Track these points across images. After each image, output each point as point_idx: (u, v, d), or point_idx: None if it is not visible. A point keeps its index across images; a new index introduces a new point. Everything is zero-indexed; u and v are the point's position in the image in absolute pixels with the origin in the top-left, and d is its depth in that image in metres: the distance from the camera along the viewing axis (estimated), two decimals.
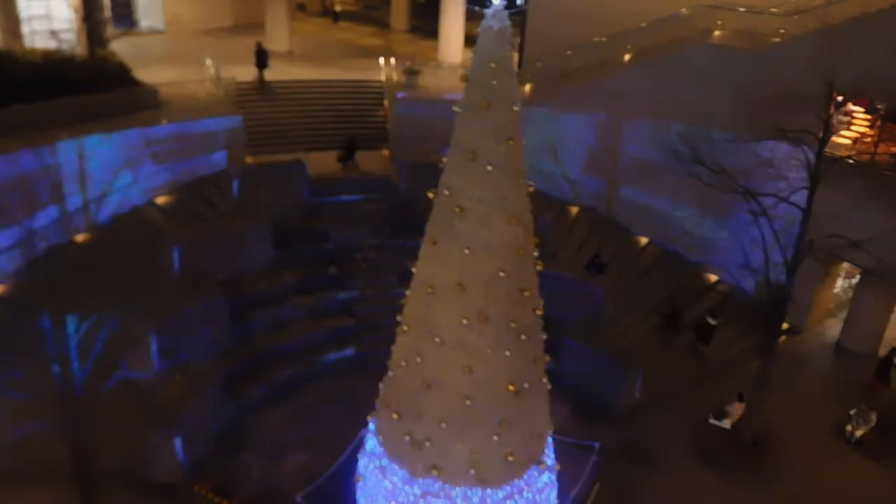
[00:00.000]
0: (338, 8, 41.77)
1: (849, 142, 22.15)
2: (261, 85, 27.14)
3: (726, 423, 17.86)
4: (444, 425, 9.03)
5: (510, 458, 9.15)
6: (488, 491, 9.19)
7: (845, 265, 21.98)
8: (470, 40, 29.29)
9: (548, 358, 9.45)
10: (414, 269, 9.23)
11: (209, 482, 15.85)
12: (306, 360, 19.55)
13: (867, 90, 19.95)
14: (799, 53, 19.74)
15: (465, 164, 8.40)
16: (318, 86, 27.82)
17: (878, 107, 21.81)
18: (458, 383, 8.93)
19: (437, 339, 8.90)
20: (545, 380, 9.53)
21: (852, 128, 22.48)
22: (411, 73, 27.89)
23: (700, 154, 16.52)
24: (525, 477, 9.44)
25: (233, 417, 17.57)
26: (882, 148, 20.83)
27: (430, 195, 8.89)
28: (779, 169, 18.16)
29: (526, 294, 8.87)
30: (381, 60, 28.46)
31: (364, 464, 10.08)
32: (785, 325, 19.35)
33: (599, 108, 23.97)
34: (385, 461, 9.58)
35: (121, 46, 26.93)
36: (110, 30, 28.30)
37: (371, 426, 9.94)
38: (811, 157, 15.50)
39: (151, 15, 35.64)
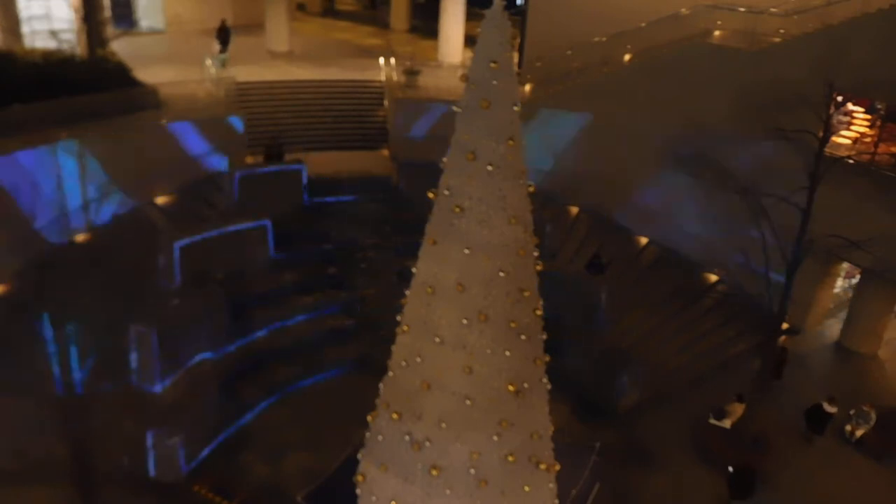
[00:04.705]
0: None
1: (849, 142, 22.14)
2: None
3: (726, 423, 17.86)
4: (443, 425, 9.03)
5: (510, 459, 9.16)
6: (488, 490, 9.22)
7: (845, 265, 21.98)
8: (470, 40, 29.31)
9: (548, 358, 9.45)
10: (414, 269, 9.23)
11: (209, 482, 15.85)
12: (306, 360, 19.57)
13: (867, 90, 19.95)
14: (799, 53, 19.74)
15: (465, 164, 8.40)
16: (318, 86, 27.85)
17: (878, 107, 21.80)
18: (458, 383, 8.93)
19: (437, 339, 8.90)
20: (545, 380, 9.53)
21: (852, 128, 22.47)
22: (411, 73, 27.91)
23: (700, 154, 16.55)
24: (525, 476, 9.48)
25: (233, 417, 17.58)
26: (882, 148, 20.82)
27: (431, 195, 8.89)
28: (779, 169, 18.17)
29: (526, 294, 8.87)
30: (381, 60, 28.47)
31: (364, 464, 10.09)
32: (785, 325, 19.35)
33: (599, 107, 23.96)
34: (385, 461, 9.59)
35: (121, 46, 26.94)
36: (110, 30, 28.32)
37: (371, 426, 9.94)
38: (811, 157, 15.51)
39: (151, 15, 35.67)
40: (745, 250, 16.82)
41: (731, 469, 15.98)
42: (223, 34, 28.35)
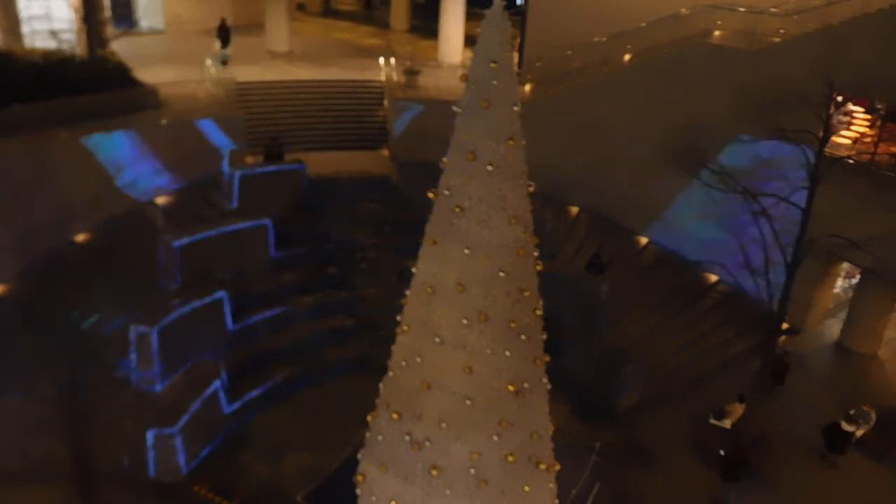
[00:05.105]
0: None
1: (849, 142, 22.16)
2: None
3: (726, 423, 17.86)
4: (443, 425, 9.03)
5: (510, 459, 9.16)
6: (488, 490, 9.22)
7: (845, 265, 21.99)
8: (470, 40, 29.30)
9: (548, 358, 9.45)
10: (414, 269, 9.23)
11: (209, 482, 15.86)
12: (306, 360, 19.57)
13: (867, 90, 19.96)
14: (799, 53, 19.74)
15: (465, 164, 8.40)
16: (318, 86, 27.84)
17: (878, 107, 21.81)
18: (458, 383, 8.93)
19: (436, 339, 8.90)
20: (545, 380, 9.53)
21: (852, 128, 22.48)
22: (411, 73, 27.91)
23: (700, 154, 16.55)
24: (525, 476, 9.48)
25: (233, 417, 17.58)
26: (882, 148, 20.83)
27: (431, 195, 8.89)
28: (779, 169, 18.18)
29: (526, 294, 8.87)
30: (381, 60, 28.46)
31: (364, 464, 10.10)
32: (785, 325, 19.35)
33: (599, 107, 23.96)
34: (385, 461, 9.60)
35: (121, 46, 26.96)
36: (110, 30, 28.35)
37: (371, 426, 9.95)
38: (811, 157, 15.51)
39: (151, 15, 35.68)
40: (745, 250, 16.80)
41: (722, 452, 16.29)
42: (223, 33, 28.48)
